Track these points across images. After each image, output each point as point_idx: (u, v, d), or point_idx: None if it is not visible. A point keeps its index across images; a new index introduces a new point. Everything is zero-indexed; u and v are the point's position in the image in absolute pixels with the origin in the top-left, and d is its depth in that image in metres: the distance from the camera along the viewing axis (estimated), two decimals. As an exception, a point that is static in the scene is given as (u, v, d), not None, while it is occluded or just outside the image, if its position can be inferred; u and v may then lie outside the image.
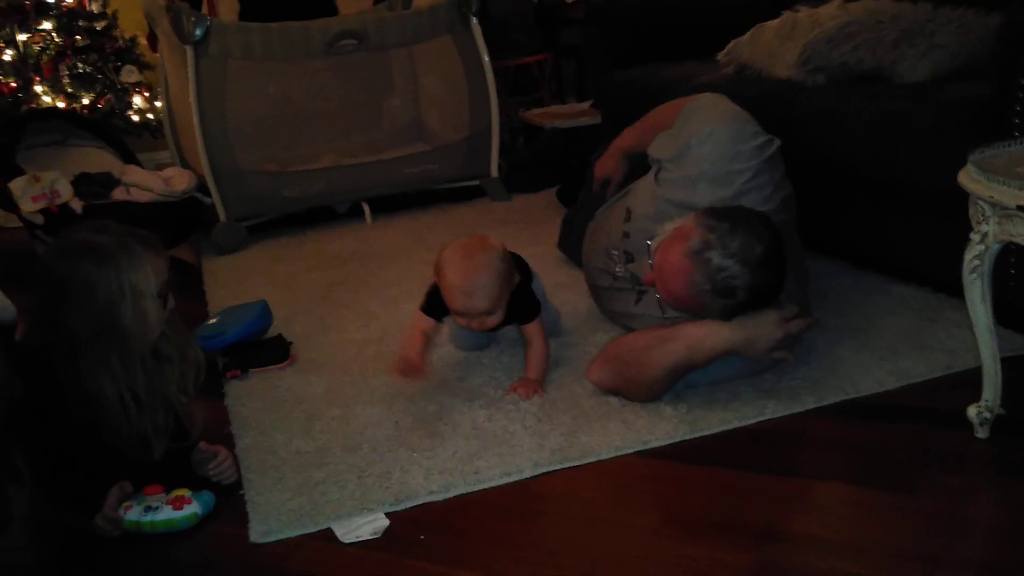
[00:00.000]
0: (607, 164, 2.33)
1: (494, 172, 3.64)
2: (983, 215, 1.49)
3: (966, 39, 2.16)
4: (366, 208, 3.49)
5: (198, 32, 3.09)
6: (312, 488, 1.62)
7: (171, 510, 1.54)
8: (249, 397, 2.02)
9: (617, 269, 2.08)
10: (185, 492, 1.57)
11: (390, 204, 3.55)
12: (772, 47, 2.68)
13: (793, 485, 1.51)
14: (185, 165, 3.58)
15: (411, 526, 1.49)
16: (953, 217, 2.00)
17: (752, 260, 1.66)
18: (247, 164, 3.32)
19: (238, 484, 1.67)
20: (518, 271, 1.91)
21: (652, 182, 2.00)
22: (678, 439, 1.68)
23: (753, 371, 1.85)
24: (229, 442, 1.82)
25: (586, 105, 4.25)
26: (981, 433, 1.58)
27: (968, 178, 1.49)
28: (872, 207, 2.26)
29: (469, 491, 1.58)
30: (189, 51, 3.11)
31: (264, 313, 2.30)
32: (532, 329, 1.93)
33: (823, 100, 2.32)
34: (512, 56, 4.57)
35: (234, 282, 2.90)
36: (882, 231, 2.28)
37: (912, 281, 2.25)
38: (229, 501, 1.62)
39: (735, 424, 1.71)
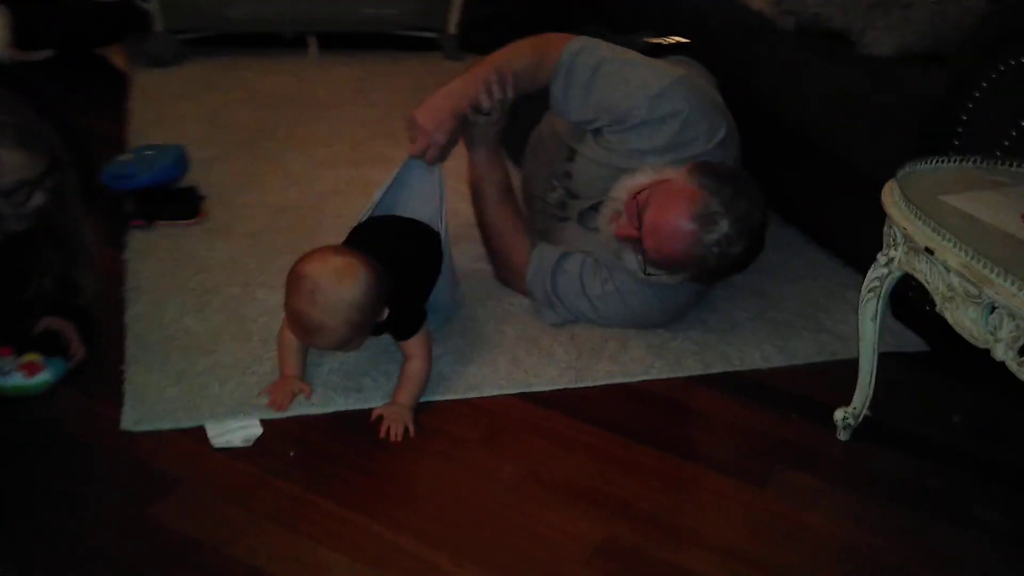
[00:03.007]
0: (437, 124, 1.79)
1: (451, 28, 3.50)
2: (894, 240, 1.50)
3: (939, 21, 2.10)
4: (312, 42, 3.35)
5: None
6: (194, 377, 1.62)
7: (22, 376, 1.54)
8: (149, 254, 1.99)
9: (550, 199, 2.05)
10: (36, 357, 1.57)
11: (337, 41, 3.40)
12: (753, -30, 2.58)
13: (659, 460, 1.56)
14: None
15: (283, 440, 1.52)
16: (876, 198, 2.02)
17: (750, 228, 1.67)
18: (192, -27, 3.13)
19: (120, 358, 1.66)
20: (398, 294, 1.57)
21: (591, 139, 1.93)
22: (562, 387, 1.72)
23: (651, 322, 1.89)
24: (119, 307, 1.81)
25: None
26: (843, 436, 1.65)
27: (889, 198, 1.49)
28: (807, 168, 2.25)
29: (348, 409, 1.61)
30: None
31: (180, 161, 2.23)
32: (411, 346, 1.61)
33: (786, 51, 2.26)
34: None
35: (161, 104, 2.79)
36: (812, 193, 2.28)
37: (827, 247, 2.28)
38: (108, 376, 1.62)
39: (620, 379, 1.76)
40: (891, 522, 1.48)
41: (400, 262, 1.66)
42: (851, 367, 1.84)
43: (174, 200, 2.14)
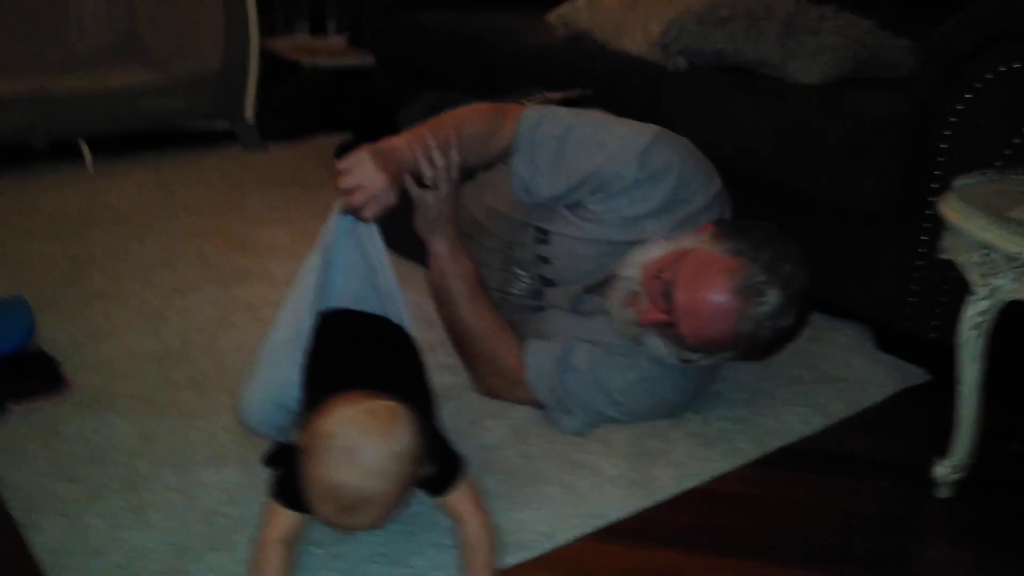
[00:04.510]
0: (391, 176, 1.42)
1: (249, 115, 3.06)
2: (992, 267, 1.35)
3: (851, 43, 2.05)
4: (85, 149, 2.77)
5: None
6: (188, 620, 1.13)
7: None
8: (21, 453, 1.42)
9: (514, 289, 1.73)
10: None
11: (109, 146, 2.84)
12: (615, 16, 2.45)
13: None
14: None
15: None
16: (850, 235, 1.91)
17: (800, 293, 1.41)
18: (-78, 81, 2.47)
19: (62, 617, 1.13)
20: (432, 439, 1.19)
21: (567, 215, 1.64)
22: (636, 510, 1.40)
23: (679, 407, 1.64)
24: (13, 539, 1.25)
25: (341, 41, 3.75)
26: (944, 493, 1.48)
27: (975, 221, 1.34)
28: (759, 209, 2.08)
29: (415, 608, 1.19)
30: None
31: (28, 316, 1.66)
32: (458, 501, 1.22)
33: (703, 91, 2.11)
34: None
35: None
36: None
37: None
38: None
39: (690, 483, 1.47)
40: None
41: (412, 391, 1.28)
42: (882, 414, 1.73)
43: (25, 371, 1.57)
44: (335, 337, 1.39)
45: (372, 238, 1.43)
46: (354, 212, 1.40)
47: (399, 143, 1.51)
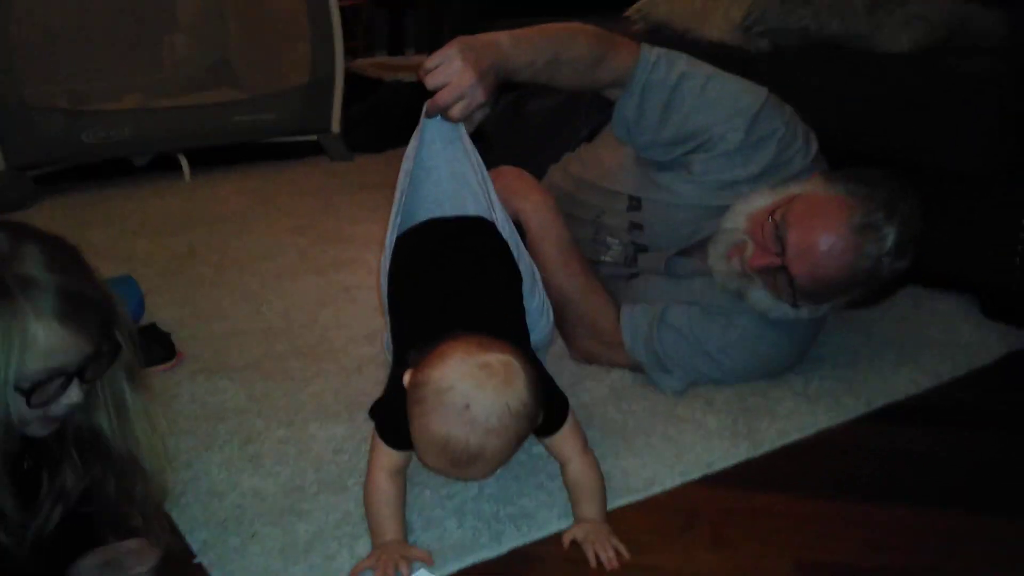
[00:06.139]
0: (481, 72, 1.33)
1: (336, 127, 3.15)
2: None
3: (939, 12, 2.03)
4: (184, 162, 2.88)
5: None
6: (308, 550, 1.15)
7: None
8: (140, 412, 1.48)
9: (606, 258, 1.75)
10: None
11: (204, 159, 2.94)
12: (694, 5, 2.46)
13: (926, 517, 1.27)
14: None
15: (481, 601, 1.09)
16: (952, 200, 1.86)
17: (915, 234, 1.39)
18: (36, 99, 2.60)
19: (187, 550, 1.16)
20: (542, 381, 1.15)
21: (657, 177, 1.64)
22: (742, 458, 1.39)
23: (780, 367, 1.61)
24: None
25: (420, 59, 3.84)
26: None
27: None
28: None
29: (528, 542, 1.19)
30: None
31: (136, 291, 1.73)
32: (564, 442, 1.22)
33: (788, 70, 2.11)
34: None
35: (36, 250, 2.23)
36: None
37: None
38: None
39: (795, 436, 1.46)
40: None
41: (506, 317, 1.30)
42: (995, 373, 1.69)
43: (141, 343, 1.63)
44: (421, 255, 1.35)
45: (462, 139, 1.37)
46: (441, 112, 1.35)
47: (501, 39, 1.43)
